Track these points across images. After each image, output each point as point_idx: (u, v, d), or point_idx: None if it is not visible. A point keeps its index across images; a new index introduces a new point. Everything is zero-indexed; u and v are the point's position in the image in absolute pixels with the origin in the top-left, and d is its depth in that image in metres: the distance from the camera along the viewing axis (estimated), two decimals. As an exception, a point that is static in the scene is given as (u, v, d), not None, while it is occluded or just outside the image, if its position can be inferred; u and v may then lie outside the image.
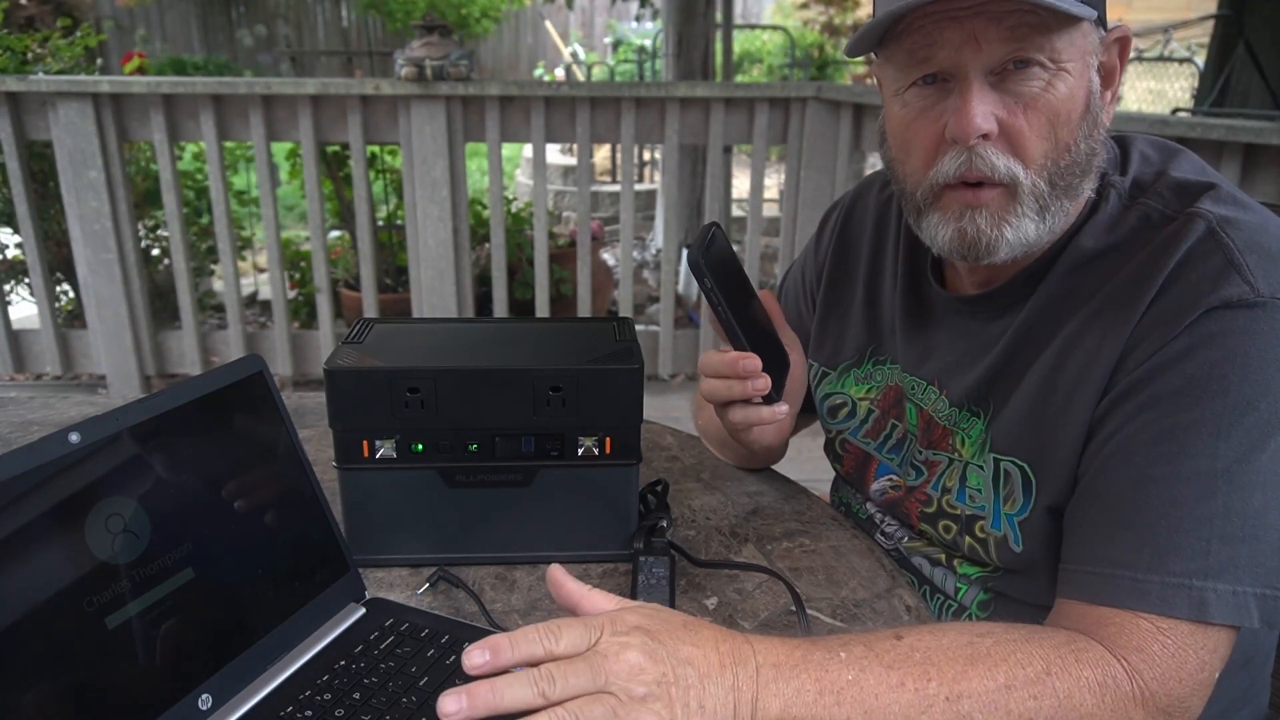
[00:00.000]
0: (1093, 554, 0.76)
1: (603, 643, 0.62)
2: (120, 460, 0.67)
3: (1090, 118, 0.80)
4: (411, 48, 3.22)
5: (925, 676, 0.67)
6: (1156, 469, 0.74)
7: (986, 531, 0.88)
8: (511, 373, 0.89)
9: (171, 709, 0.66)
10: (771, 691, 0.65)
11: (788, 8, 11.81)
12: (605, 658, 0.61)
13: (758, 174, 3.51)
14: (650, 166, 7.69)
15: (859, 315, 1.06)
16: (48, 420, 1.27)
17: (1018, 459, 0.85)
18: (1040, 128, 0.79)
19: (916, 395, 0.98)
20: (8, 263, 4.04)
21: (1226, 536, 0.71)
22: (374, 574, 0.92)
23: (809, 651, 0.67)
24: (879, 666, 0.67)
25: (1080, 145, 0.80)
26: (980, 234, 0.83)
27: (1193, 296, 0.74)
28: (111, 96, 3.23)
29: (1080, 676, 0.69)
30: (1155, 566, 0.72)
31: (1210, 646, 0.71)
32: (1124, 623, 0.72)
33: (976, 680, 0.67)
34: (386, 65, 8.58)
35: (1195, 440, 0.73)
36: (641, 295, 4.98)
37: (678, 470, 1.16)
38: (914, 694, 0.66)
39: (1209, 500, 0.72)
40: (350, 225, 4.15)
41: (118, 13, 10.10)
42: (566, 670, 0.60)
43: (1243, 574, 0.71)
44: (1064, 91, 0.78)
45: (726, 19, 5.76)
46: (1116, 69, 0.82)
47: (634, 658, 0.61)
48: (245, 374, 0.79)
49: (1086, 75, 0.79)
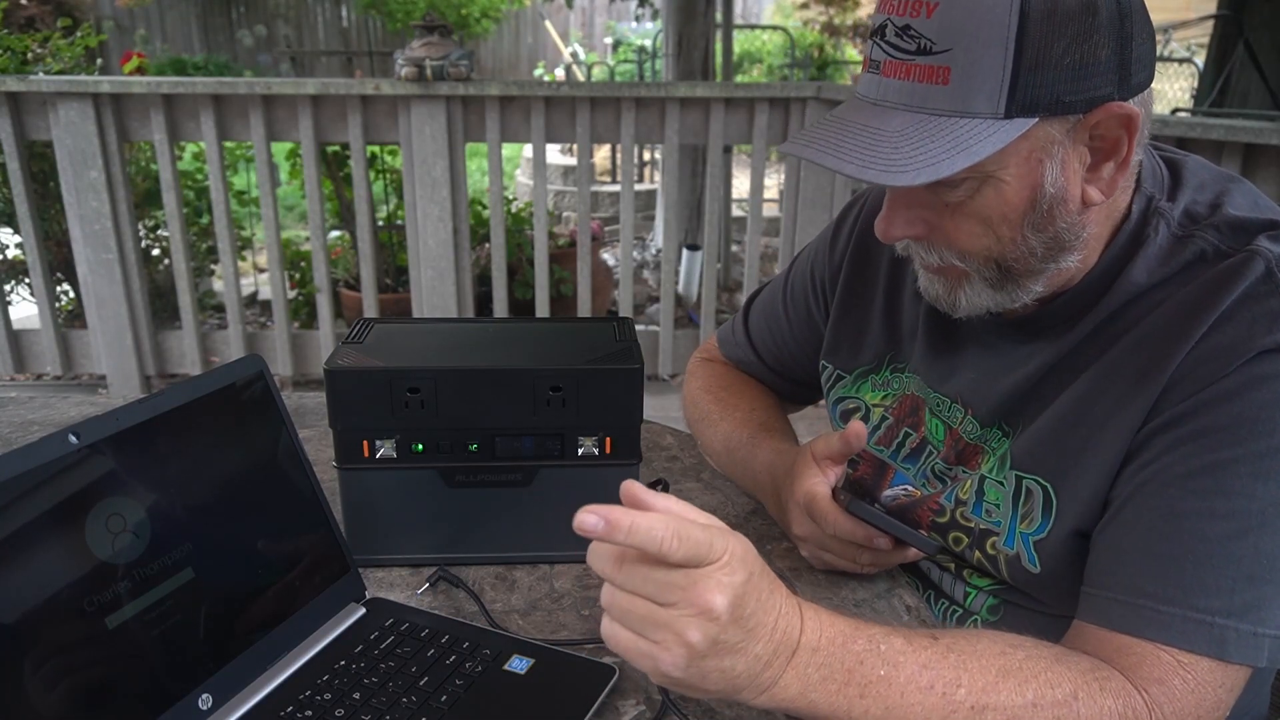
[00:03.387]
0: (1117, 581, 0.75)
1: (708, 570, 0.59)
2: (120, 460, 0.67)
3: (1040, 213, 0.76)
4: (411, 48, 3.22)
5: (956, 683, 0.67)
6: (1190, 503, 0.73)
7: (998, 549, 0.87)
8: (511, 373, 0.89)
9: (171, 709, 0.66)
10: (797, 673, 0.64)
11: (788, 8, 11.81)
12: (695, 585, 0.59)
13: (758, 174, 3.51)
14: (650, 166, 7.69)
15: (879, 321, 1.03)
16: (48, 420, 1.27)
17: (1040, 478, 0.84)
18: (972, 228, 0.78)
19: (942, 412, 0.95)
20: (8, 263, 4.04)
21: (1254, 577, 0.71)
22: (374, 574, 0.92)
23: (851, 639, 0.66)
24: (914, 665, 0.67)
25: (1031, 239, 0.78)
26: (938, 297, 0.86)
27: (1247, 336, 0.73)
28: (112, 96, 3.23)
29: (1104, 705, 0.69)
30: (1179, 600, 0.71)
31: (1228, 685, 0.71)
32: (1145, 654, 0.72)
33: (1005, 694, 0.67)
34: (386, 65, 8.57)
35: (1234, 479, 0.72)
36: (641, 295, 4.98)
37: (678, 470, 1.16)
38: (940, 698, 0.66)
39: (1240, 539, 0.71)
40: (350, 225, 4.15)
41: (118, 13, 10.10)
42: (653, 572, 0.59)
43: (1265, 616, 0.71)
44: (992, 197, 0.75)
45: (726, 19, 5.76)
46: (1121, 141, 0.75)
47: (720, 604, 0.59)
48: (245, 374, 0.79)
49: (1034, 174, 0.74)
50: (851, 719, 0.66)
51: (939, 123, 0.72)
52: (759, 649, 0.62)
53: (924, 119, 0.72)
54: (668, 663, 0.60)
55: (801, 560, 0.97)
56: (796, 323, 1.14)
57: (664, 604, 0.59)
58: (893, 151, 0.72)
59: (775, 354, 1.18)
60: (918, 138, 0.72)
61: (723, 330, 1.26)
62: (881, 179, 0.71)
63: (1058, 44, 0.69)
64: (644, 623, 0.60)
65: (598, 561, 0.61)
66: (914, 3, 0.72)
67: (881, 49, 0.75)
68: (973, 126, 0.71)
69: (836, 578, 0.94)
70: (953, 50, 0.70)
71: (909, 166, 0.71)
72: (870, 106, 0.76)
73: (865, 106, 0.77)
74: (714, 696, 0.66)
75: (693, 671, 0.60)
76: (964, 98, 0.71)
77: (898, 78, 0.74)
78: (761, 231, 3.65)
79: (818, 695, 0.64)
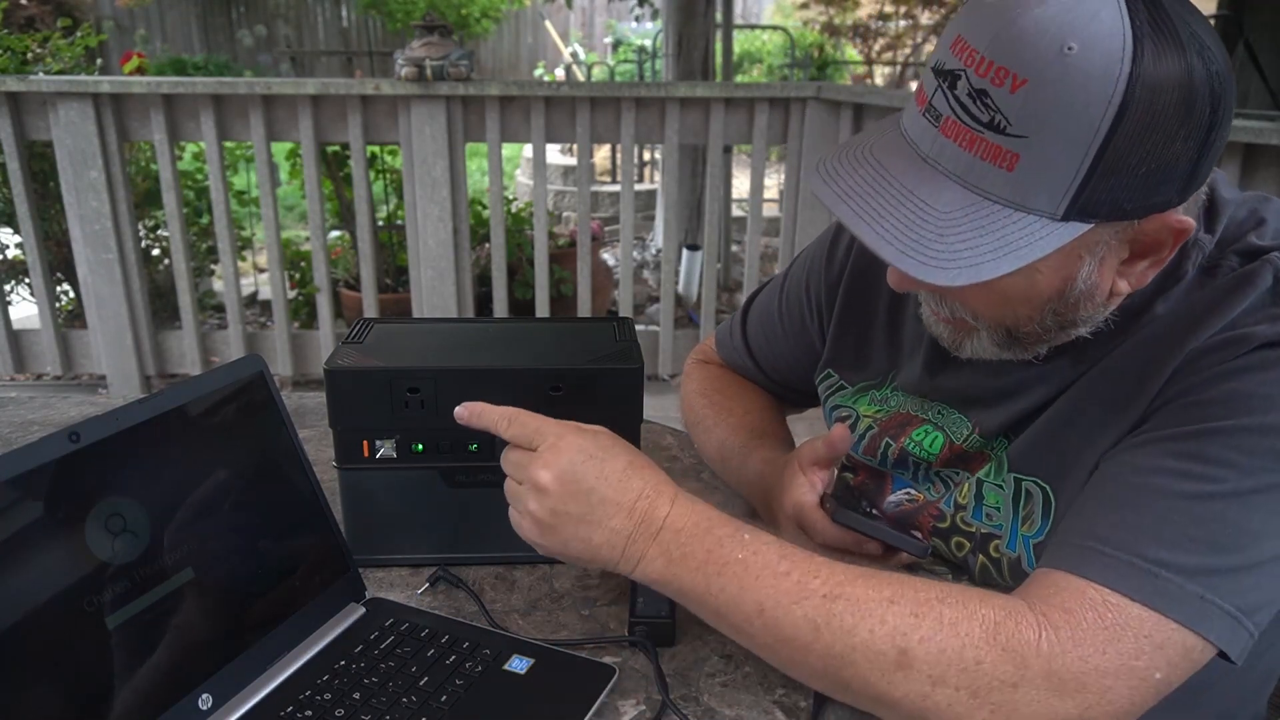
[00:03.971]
0: (1072, 527, 0.72)
1: (539, 452, 0.74)
2: (120, 460, 0.67)
3: (1066, 302, 0.73)
4: (411, 48, 3.22)
5: (814, 574, 0.69)
6: (1166, 462, 0.69)
7: (1001, 552, 0.85)
8: (511, 373, 0.89)
9: (171, 709, 0.66)
10: (659, 550, 0.72)
11: (788, 8, 11.81)
12: (529, 464, 0.74)
13: (758, 174, 3.51)
14: (650, 166, 7.69)
15: (881, 337, 1.00)
16: (48, 420, 1.27)
17: (1039, 479, 0.82)
18: (992, 301, 0.75)
19: (949, 426, 0.92)
20: (8, 263, 4.04)
21: (1217, 545, 0.66)
22: (374, 574, 0.92)
23: (714, 525, 0.73)
24: (774, 555, 0.70)
25: (1048, 319, 0.75)
26: (942, 337, 0.84)
27: (1253, 333, 0.70)
28: (112, 96, 3.23)
29: (974, 610, 0.66)
30: (1128, 546, 0.67)
31: (1158, 641, 0.64)
32: (1067, 586, 0.67)
33: (861, 588, 0.68)
34: (386, 65, 8.57)
35: (1217, 447, 0.68)
36: (641, 295, 4.98)
37: (678, 470, 1.16)
38: (794, 584, 0.68)
39: (1209, 503, 0.67)
40: (350, 225, 4.15)
41: (118, 13, 10.10)
42: (516, 454, 0.76)
43: (1220, 585, 0.65)
44: (1021, 282, 0.71)
45: (726, 19, 5.76)
46: (1165, 245, 0.71)
47: (545, 479, 0.73)
48: (245, 374, 0.79)
49: (1070, 268, 0.71)
50: (710, 595, 0.71)
51: (992, 213, 0.67)
52: (615, 524, 0.72)
53: (978, 204, 0.67)
54: (527, 528, 0.75)
55: (801, 560, 0.97)
56: (791, 333, 1.12)
57: (517, 480, 0.75)
58: (937, 240, 0.67)
59: (771, 360, 1.16)
60: (967, 229, 0.67)
61: (720, 331, 1.23)
62: (919, 273, 0.67)
63: (1140, 149, 0.64)
64: (510, 497, 0.77)
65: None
66: (999, 69, 0.64)
67: (948, 103, 0.67)
68: (1025, 224, 0.66)
69: (836, 578, 0.94)
70: (1029, 139, 0.64)
71: (951, 263, 0.66)
72: (919, 163, 0.70)
73: (914, 161, 0.70)
74: (593, 565, 0.75)
75: (552, 539, 0.74)
76: (1026, 191, 0.66)
77: (958, 143, 0.67)
78: (761, 231, 3.65)
79: (680, 570, 0.71)
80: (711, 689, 0.78)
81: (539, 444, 0.75)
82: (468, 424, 0.79)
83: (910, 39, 10.63)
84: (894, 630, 0.66)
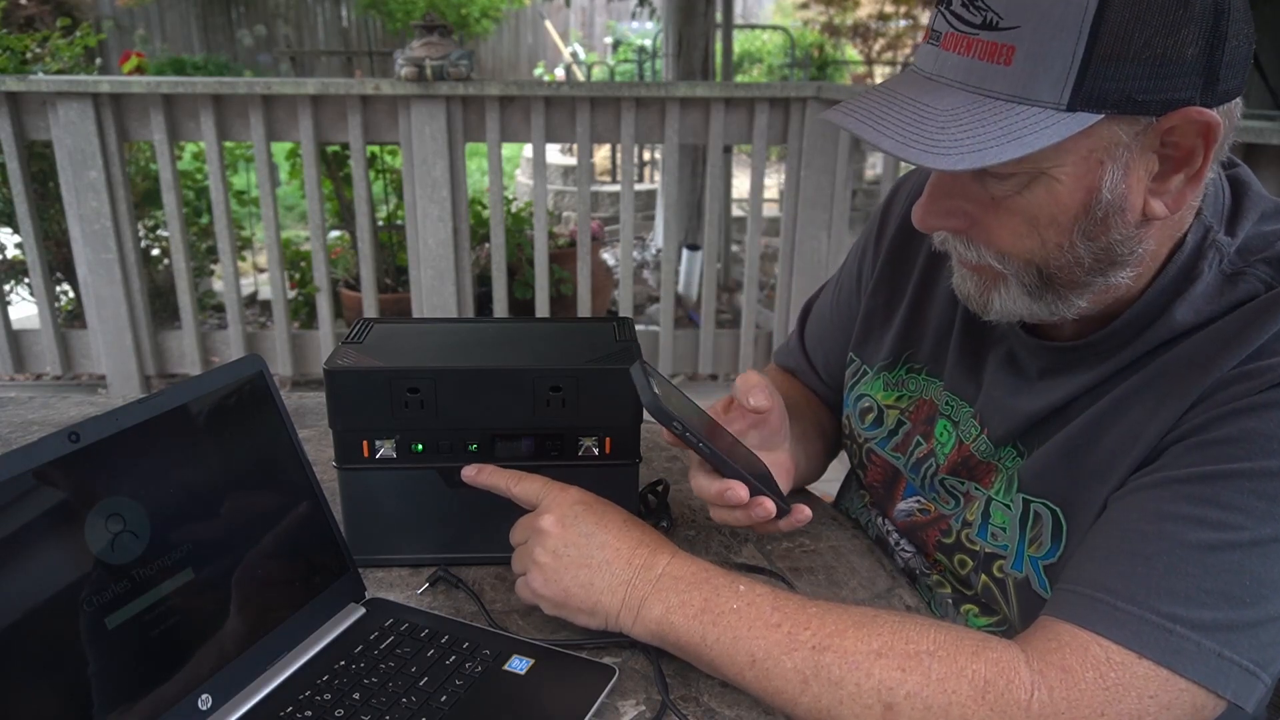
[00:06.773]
0: (1083, 574, 0.69)
1: (541, 509, 0.81)
2: (120, 460, 0.67)
3: (1094, 219, 0.70)
4: (411, 48, 3.22)
5: (804, 626, 0.71)
6: (1180, 507, 0.67)
7: (1006, 572, 0.83)
8: (511, 373, 0.89)
9: (171, 709, 0.66)
10: (660, 597, 0.75)
11: (788, 8, 11.81)
12: (535, 520, 0.80)
13: (758, 174, 3.50)
14: (650, 166, 7.69)
15: (903, 315, 0.98)
16: (48, 420, 1.27)
17: (1049, 501, 0.79)
18: (1017, 226, 0.72)
19: (960, 423, 0.90)
20: (8, 263, 4.04)
21: (1232, 598, 0.63)
22: (374, 574, 0.92)
23: (712, 575, 0.76)
24: (767, 606, 0.72)
25: (1079, 247, 0.71)
26: (969, 296, 0.80)
27: (1276, 364, 0.67)
28: (111, 96, 3.23)
29: (964, 667, 0.65)
30: (1140, 600, 0.65)
31: (1165, 701, 0.63)
32: (1072, 640, 0.65)
33: (851, 640, 0.69)
34: (386, 65, 8.57)
35: (1233, 492, 0.65)
36: (641, 295, 4.98)
37: (678, 470, 1.16)
38: (785, 636, 0.70)
39: (1224, 553, 0.64)
40: (350, 225, 4.15)
41: (118, 13, 10.10)
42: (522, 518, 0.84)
43: (1238, 641, 0.63)
44: (1043, 195, 0.69)
45: (726, 19, 5.76)
46: (1196, 152, 0.68)
47: (547, 523, 0.79)
48: (245, 374, 0.79)
49: (1092, 175, 0.68)
50: (705, 646, 0.73)
51: (995, 106, 0.65)
52: (616, 569, 0.77)
53: (979, 100, 0.66)
54: (537, 581, 0.79)
55: (802, 560, 0.97)
56: (839, 324, 1.08)
57: (522, 541, 0.82)
58: (939, 132, 0.66)
59: (823, 359, 1.12)
60: (969, 120, 0.66)
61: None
62: (921, 159, 0.65)
63: (1139, 35, 0.62)
64: (516, 565, 0.83)
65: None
66: None
67: (945, 19, 0.68)
68: (1030, 115, 0.65)
69: (836, 578, 0.94)
70: (1021, 28, 0.64)
71: (953, 150, 0.65)
72: (924, 81, 0.70)
73: (919, 80, 0.70)
74: (594, 617, 0.77)
75: (554, 586, 0.78)
76: (1026, 82, 0.65)
77: (957, 52, 0.67)
78: (761, 231, 3.64)
79: (677, 619, 0.74)
80: (711, 689, 0.78)
81: (543, 499, 0.82)
82: (474, 484, 0.87)
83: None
84: (880, 684, 0.67)
